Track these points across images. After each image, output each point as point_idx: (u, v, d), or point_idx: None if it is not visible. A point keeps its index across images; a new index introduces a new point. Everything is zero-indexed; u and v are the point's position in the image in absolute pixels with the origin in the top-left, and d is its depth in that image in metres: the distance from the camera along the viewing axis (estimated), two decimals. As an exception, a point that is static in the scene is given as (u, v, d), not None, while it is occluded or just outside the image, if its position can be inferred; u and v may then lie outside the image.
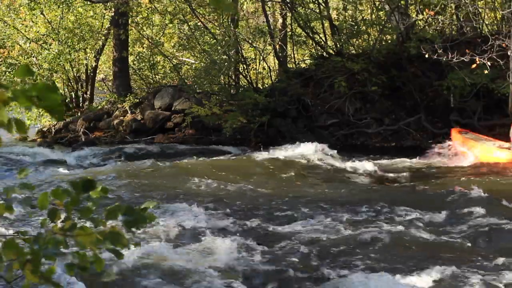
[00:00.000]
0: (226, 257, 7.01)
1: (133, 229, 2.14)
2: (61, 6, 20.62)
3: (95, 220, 2.14)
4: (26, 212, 7.91)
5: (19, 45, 21.26)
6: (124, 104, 19.40)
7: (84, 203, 2.14)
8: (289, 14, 20.00)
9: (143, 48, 22.15)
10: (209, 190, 10.76)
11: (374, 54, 17.73)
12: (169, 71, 21.90)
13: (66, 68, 21.01)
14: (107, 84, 23.74)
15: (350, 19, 19.35)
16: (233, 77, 19.55)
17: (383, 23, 18.43)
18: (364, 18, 19.29)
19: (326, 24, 19.37)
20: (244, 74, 19.04)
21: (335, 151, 14.49)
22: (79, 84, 21.62)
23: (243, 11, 20.80)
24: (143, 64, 21.48)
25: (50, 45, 20.82)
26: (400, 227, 8.19)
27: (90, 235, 2.09)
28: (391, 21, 17.83)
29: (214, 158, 13.75)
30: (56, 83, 21.49)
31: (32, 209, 2.33)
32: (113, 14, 19.96)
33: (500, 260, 6.93)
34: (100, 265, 2.12)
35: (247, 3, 21.85)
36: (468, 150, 13.81)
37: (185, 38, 20.78)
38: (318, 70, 18.23)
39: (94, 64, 21.43)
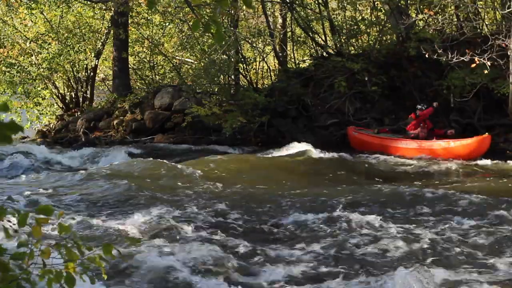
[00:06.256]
0: (225, 257, 7.00)
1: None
2: (61, 6, 20.60)
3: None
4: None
5: (19, 44, 21.23)
6: (124, 104, 19.39)
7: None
8: (289, 14, 19.98)
9: (143, 48, 22.13)
10: (208, 190, 10.76)
11: (374, 54, 17.73)
12: (169, 71, 21.88)
13: (66, 68, 20.99)
14: (107, 84, 23.73)
15: (349, 19, 19.33)
16: (233, 77, 19.54)
17: (382, 23, 18.43)
18: (364, 18, 19.27)
19: (326, 24, 19.36)
20: (244, 74, 19.03)
21: (335, 151, 14.49)
22: (79, 84, 21.60)
23: (243, 11, 20.76)
24: (143, 64, 21.46)
25: (49, 44, 20.80)
26: (401, 227, 8.19)
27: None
28: (391, 21, 17.81)
29: (214, 158, 13.74)
30: (56, 83, 21.50)
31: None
32: (113, 14, 19.95)
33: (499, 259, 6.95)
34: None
35: (247, 3, 21.79)
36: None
37: (184, 37, 20.76)
38: (318, 70, 18.22)
39: (94, 64, 21.42)
